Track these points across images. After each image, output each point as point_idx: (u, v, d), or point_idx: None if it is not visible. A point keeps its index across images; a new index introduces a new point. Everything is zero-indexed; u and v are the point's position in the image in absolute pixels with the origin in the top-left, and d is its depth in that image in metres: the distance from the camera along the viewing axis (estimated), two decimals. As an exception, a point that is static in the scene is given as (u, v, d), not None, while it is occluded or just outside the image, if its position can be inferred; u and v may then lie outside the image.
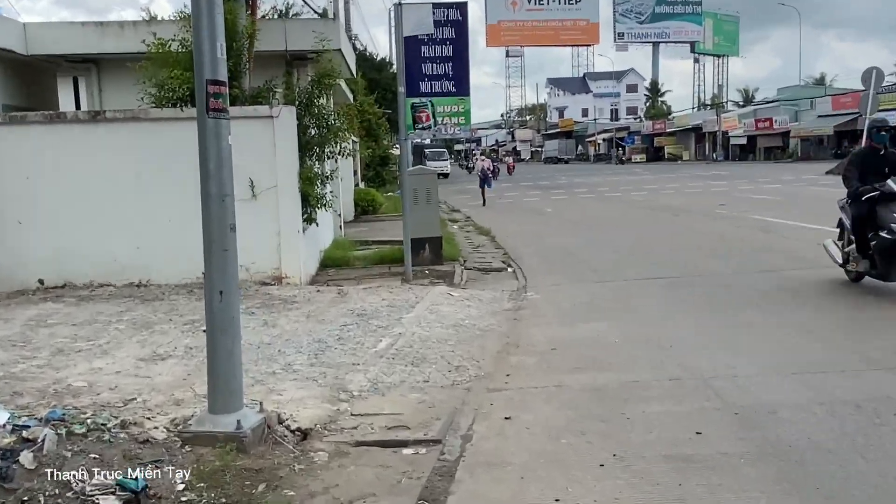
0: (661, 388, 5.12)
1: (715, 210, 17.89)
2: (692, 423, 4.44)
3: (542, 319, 7.63)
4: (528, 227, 16.99)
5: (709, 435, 4.25)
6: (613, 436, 4.30)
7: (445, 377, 5.58)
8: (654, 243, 12.71)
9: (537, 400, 5.07)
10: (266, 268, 9.37)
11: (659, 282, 9.21)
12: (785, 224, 14.36)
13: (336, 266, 11.34)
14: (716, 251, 11.37)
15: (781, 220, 14.92)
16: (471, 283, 9.99)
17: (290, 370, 5.60)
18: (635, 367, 5.69)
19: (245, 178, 9.09)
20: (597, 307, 8.02)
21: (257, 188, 9.20)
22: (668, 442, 4.18)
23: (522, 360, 6.09)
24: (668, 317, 7.34)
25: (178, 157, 9.08)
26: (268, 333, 6.84)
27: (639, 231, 14.67)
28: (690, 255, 11.11)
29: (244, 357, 5.65)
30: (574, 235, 14.73)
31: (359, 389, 5.12)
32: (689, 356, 5.87)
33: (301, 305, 8.07)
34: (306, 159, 10.09)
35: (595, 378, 5.45)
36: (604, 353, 6.11)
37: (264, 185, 9.24)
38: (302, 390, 5.05)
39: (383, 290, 8.91)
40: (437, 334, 6.81)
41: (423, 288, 9.17)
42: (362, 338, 6.59)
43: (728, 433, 4.26)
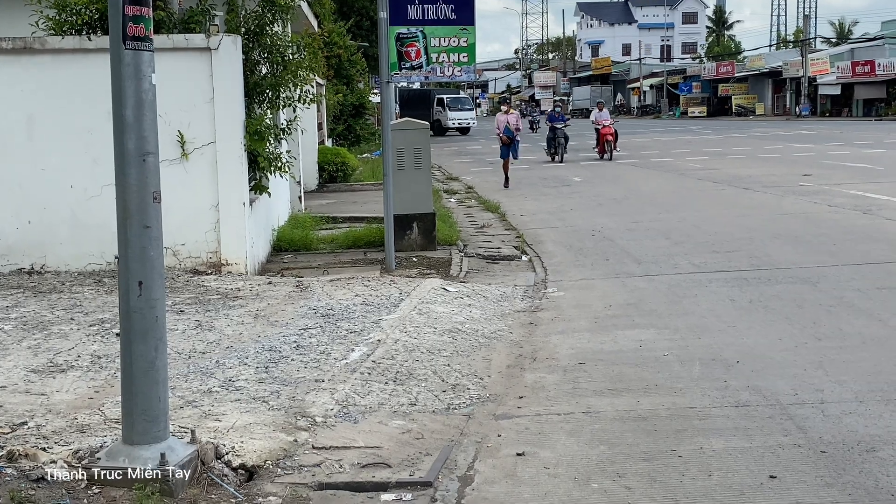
0: (725, 418, 5.14)
1: (798, 183, 17.95)
2: (765, 464, 4.47)
3: (567, 324, 7.64)
4: (548, 201, 17.02)
5: (786, 480, 4.28)
6: (661, 480, 4.32)
7: (438, 399, 5.59)
8: (717, 226, 12.74)
9: (560, 431, 5.08)
10: (200, 251, 9.36)
11: (722, 277, 9.24)
12: (890, 202, 14.41)
13: (294, 250, 11.34)
14: (798, 237, 11.42)
15: (886, 197, 14.96)
16: (473, 275, 10.01)
17: (232, 388, 5.60)
18: (690, 388, 5.70)
19: (173, 131, 9.05)
20: (640, 309, 8.04)
21: (189, 145, 9.17)
22: (732, 490, 4.20)
23: (540, 378, 6.10)
24: (733, 323, 7.36)
25: (85, 102, 9.00)
26: (202, 339, 6.83)
27: (696, 210, 14.70)
28: (764, 242, 11.15)
29: (171, 370, 5.67)
30: (610, 214, 14.75)
31: (323, 414, 5.13)
32: (762, 375, 5.89)
33: (247, 302, 8.07)
34: (255, 107, 10.02)
35: (637, 403, 5.47)
36: (649, 371, 6.13)
37: (199, 140, 9.20)
38: (248, 415, 5.05)
39: (357, 284, 8.91)
40: (427, 342, 6.82)
41: (410, 281, 9.17)
42: (328, 346, 6.60)
43: (811, 478, 4.29)
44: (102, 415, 5.02)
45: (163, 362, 4.14)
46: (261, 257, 10.42)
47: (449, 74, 10.61)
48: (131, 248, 4.02)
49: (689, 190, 17.89)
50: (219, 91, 9.19)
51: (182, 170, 9.15)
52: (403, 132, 11.12)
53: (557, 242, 12.20)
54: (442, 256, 10.90)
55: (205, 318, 7.46)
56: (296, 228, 12.18)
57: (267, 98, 10.05)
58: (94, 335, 6.88)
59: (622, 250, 11.21)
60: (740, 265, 9.78)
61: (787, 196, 15.84)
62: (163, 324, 4.13)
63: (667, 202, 15.93)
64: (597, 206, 15.95)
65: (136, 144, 3.99)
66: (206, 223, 9.31)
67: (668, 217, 13.96)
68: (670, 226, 12.99)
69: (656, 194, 17.33)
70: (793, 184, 17.76)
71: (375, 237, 11.38)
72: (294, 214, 13.71)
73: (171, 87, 8.65)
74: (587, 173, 22.36)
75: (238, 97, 9.36)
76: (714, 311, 7.81)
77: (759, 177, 19.40)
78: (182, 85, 9.03)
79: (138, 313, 4.05)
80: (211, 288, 8.62)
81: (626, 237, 12.22)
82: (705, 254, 10.59)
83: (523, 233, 12.96)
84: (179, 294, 8.35)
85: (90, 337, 6.84)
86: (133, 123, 3.98)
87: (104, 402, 5.24)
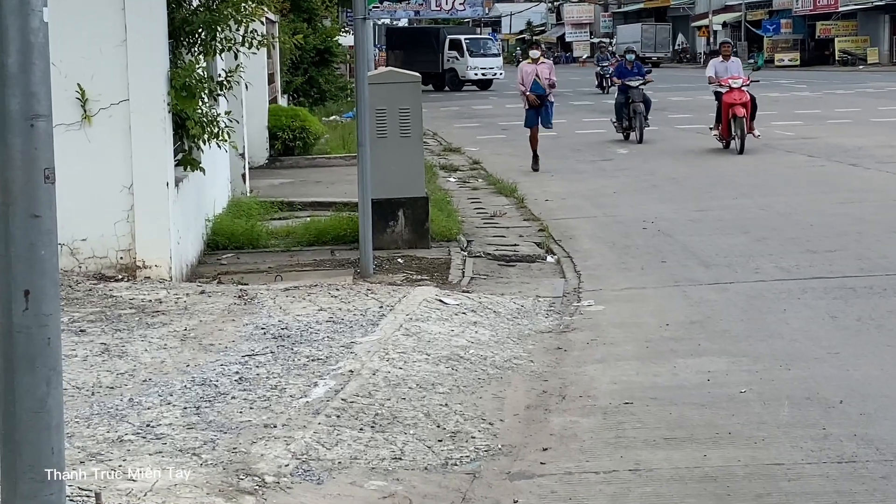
0: (824, 478, 5.14)
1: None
2: (877, 540, 4.50)
3: (608, 350, 7.64)
4: (583, 181, 17.03)
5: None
6: (735, 562, 4.34)
7: (432, 451, 5.59)
8: (813, 215, 12.76)
9: (598, 496, 5.08)
10: (108, 249, 9.36)
11: (821, 285, 9.25)
12: None
13: (236, 247, 11.33)
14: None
15: None
16: (480, 282, 10.02)
17: (152, 436, 5.59)
18: (776, 438, 5.70)
19: (71, 85, 9.04)
20: (708, 329, 8.03)
21: (93, 104, 9.16)
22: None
23: (572, 423, 6.10)
24: (836, 348, 7.36)
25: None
26: (111, 368, 6.82)
27: (785, 194, 14.72)
28: (879, 239, 11.17)
29: (69, 411, 5.66)
30: (667, 199, 14.76)
31: (275, 472, 5.13)
32: (875, 421, 5.90)
33: (172, 318, 8.07)
34: (183, 52, 10.01)
35: (704, 457, 5.47)
36: (720, 414, 6.13)
37: (106, 98, 9.20)
38: (173, 472, 5.05)
39: (321, 294, 8.92)
40: (418, 374, 6.82)
41: (395, 290, 9.18)
42: (282, 378, 6.59)
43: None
44: (-26, 472, 5.02)
45: (57, 401, 4.13)
46: (190, 257, 10.42)
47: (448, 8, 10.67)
48: (15, 244, 4.02)
49: (774, 166, 17.90)
50: (133, 31, 9.18)
51: (83, 138, 9.13)
52: (385, 86, 11.12)
53: (595, 238, 12.20)
54: (437, 256, 10.90)
55: (114, 339, 7.44)
56: (238, 218, 12.17)
57: (199, 40, 10.03)
58: (-38, 363, 6.89)
59: (683, 248, 11.21)
60: (845, 270, 9.79)
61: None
62: (57, 348, 4.12)
63: (744, 183, 15.95)
64: (649, 187, 15.96)
65: (21, 104, 3.98)
66: (115, 211, 9.30)
67: (746, 203, 13.97)
68: (749, 215, 13.00)
69: (730, 172, 17.34)
70: (917, 158, 17.80)
71: (346, 230, 11.37)
72: (236, 199, 13.71)
73: (69, 25, 8.63)
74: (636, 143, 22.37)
75: (160, 39, 9.34)
76: (809, 333, 7.80)
77: (871, 149, 19.42)
78: (83, 23, 9.01)
79: (23, 333, 4.04)
80: (122, 299, 8.62)
81: (689, 231, 12.22)
82: (797, 254, 10.60)
83: (548, 224, 12.97)
84: (80, 307, 8.33)
85: (-43, 366, 6.84)
86: (17, 75, 3.97)
87: (-24, 456, 5.24)
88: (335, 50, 30.98)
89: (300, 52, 26.20)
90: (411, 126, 11.16)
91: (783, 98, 35.88)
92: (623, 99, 22.67)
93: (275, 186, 16.22)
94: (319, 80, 29.90)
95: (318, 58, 29.82)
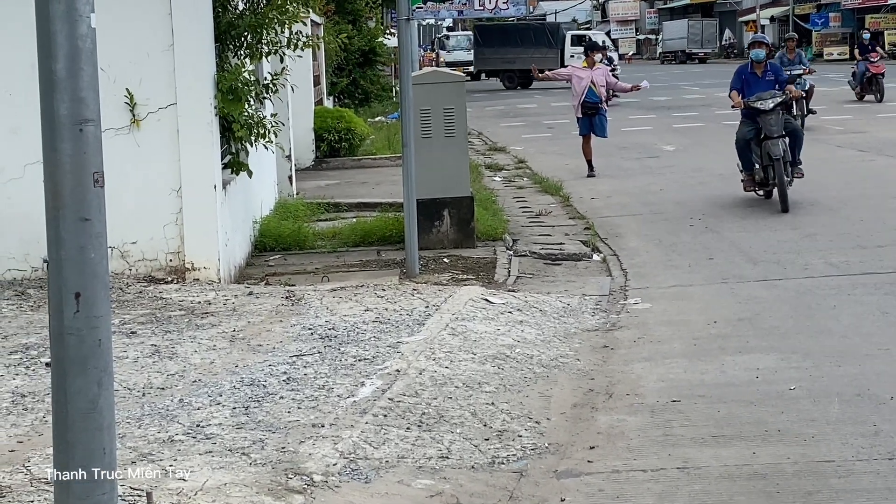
0: (875, 475, 5.10)
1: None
2: (930, 538, 4.45)
3: (655, 348, 7.62)
4: (629, 179, 16.94)
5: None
6: (785, 560, 4.32)
7: (479, 450, 5.60)
8: (864, 210, 12.61)
9: (646, 494, 5.07)
10: (157, 252, 9.45)
11: (871, 281, 9.18)
12: None
13: (283, 249, 11.40)
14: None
15: None
16: (526, 280, 10.02)
17: (202, 436, 5.65)
18: (827, 435, 5.67)
19: (120, 90, 9.14)
20: (757, 327, 7.99)
21: (141, 108, 9.25)
22: (884, 572, 4.18)
23: (619, 422, 6.09)
24: (887, 345, 7.29)
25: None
26: (161, 370, 6.89)
27: (834, 188, 14.55)
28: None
29: (120, 412, 5.72)
30: (716, 197, 14.61)
31: (323, 471, 5.16)
32: (926, 417, 5.84)
33: (220, 320, 8.14)
34: (229, 56, 10.08)
35: (753, 455, 5.45)
36: (769, 411, 6.10)
37: (154, 102, 9.28)
38: (222, 472, 5.10)
39: (367, 294, 8.96)
40: (464, 373, 6.84)
41: (440, 289, 9.20)
42: (330, 378, 6.63)
43: None
44: (28, 473, 5.09)
45: (108, 402, 4.18)
46: (238, 259, 10.50)
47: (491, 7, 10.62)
48: (65, 248, 4.07)
49: (823, 161, 17.67)
50: (180, 35, 9.26)
51: (132, 142, 9.22)
52: (429, 87, 11.14)
53: (642, 235, 12.15)
54: (483, 256, 10.90)
55: (164, 341, 7.52)
56: (285, 220, 12.24)
57: (245, 43, 10.11)
58: (15, 366, 6.98)
59: (731, 245, 11.14)
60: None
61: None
62: (108, 350, 4.17)
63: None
64: (697, 185, 15.85)
65: (70, 109, 4.03)
66: (164, 214, 9.39)
67: (795, 199, 13.78)
68: (797, 210, 12.87)
69: (778, 168, 17.14)
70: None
71: (392, 231, 11.41)
72: (283, 200, 13.78)
73: (117, 30, 8.72)
74: (683, 140, 22.22)
75: (206, 43, 9.42)
76: (860, 329, 7.73)
77: (925, 142, 19.15)
78: (131, 28, 9.11)
79: (75, 336, 4.09)
80: (172, 301, 8.70)
81: (737, 227, 12.14)
82: (847, 250, 10.51)
83: (594, 222, 12.93)
84: (130, 310, 8.42)
85: (10, 368, 6.93)
86: (65, 80, 4.02)
87: (30, 456, 5.31)
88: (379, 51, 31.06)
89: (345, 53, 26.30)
90: (456, 125, 11.17)
91: (831, 92, 35.36)
92: (750, 132, 13.24)
93: (321, 188, 16.28)
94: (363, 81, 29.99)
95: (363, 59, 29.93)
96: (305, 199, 14.19)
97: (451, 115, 11.13)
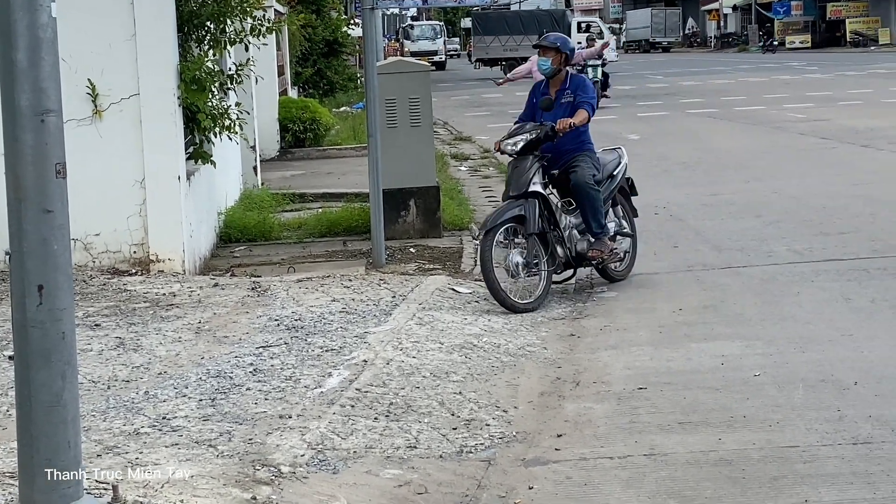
0: (839, 460, 5.14)
1: (937, 137, 17.89)
2: (893, 521, 4.49)
3: (621, 336, 7.65)
4: (595, 168, 16.95)
5: (923, 543, 4.30)
6: (751, 545, 4.35)
7: (447, 439, 5.61)
8: (826, 198, 12.72)
9: (613, 481, 5.08)
10: (121, 244, 9.40)
11: (834, 267, 9.23)
12: None
13: (248, 240, 11.36)
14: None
15: None
16: (492, 270, 10.01)
17: (168, 428, 5.62)
18: (791, 420, 5.70)
19: (82, 80, 9.07)
20: (722, 313, 8.03)
21: (104, 99, 9.19)
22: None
23: (586, 409, 6.11)
24: (850, 330, 7.34)
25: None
26: (126, 362, 6.85)
27: (797, 176, 14.68)
28: (891, 221, 11.14)
29: (85, 405, 5.68)
30: (679, 184, 14.73)
31: (291, 462, 5.15)
32: (890, 402, 5.89)
33: (186, 311, 8.10)
34: (191, 45, 10.02)
35: (718, 441, 5.47)
36: (734, 397, 6.13)
37: (117, 93, 9.22)
38: (189, 464, 5.07)
39: (334, 284, 8.94)
40: (431, 363, 6.84)
41: (407, 279, 9.20)
42: (297, 369, 6.61)
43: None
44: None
45: (72, 395, 4.16)
46: (203, 250, 10.46)
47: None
48: (28, 240, 4.04)
49: (786, 149, 17.85)
50: (142, 25, 9.20)
51: (94, 133, 9.16)
52: (395, 76, 11.12)
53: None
54: (450, 246, 10.91)
55: (129, 333, 7.47)
56: (250, 210, 12.20)
57: (208, 33, 10.05)
58: (-22, 360, 6.91)
59: (696, 233, 11.20)
60: (859, 251, 9.76)
61: (923, 155, 15.81)
62: (72, 342, 4.14)
63: (756, 167, 15.91)
64: (661, 172, 15.93)
65: (31, 99, 4.00)
66: (128, 205, 9.33)
67: (759, 187, 13.94)
68: (761, 199, 12.97)
69: (741, 156, 17.29)
70: (930, 139, 17.71)
71: (358, 221, 11.39)
72: (248, 191, 13.73)
73: (78, 20, 8.65)
74: (646, 129, 22.32)
75: (169, 32, 9.36)
76: (823, 315, 7.79)
77: (883, 130, 19.34)
78: (92, 18, 9.04)
79: (38, 328, 4.06)
80: (136, 293, 8.65)
81: (701, 215, 12.20)
82: (810, 236, 10.58)
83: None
84: (94, 302, 8.37)
85: (-26, 362, 6.87)
86: (26, 71, 3.99)
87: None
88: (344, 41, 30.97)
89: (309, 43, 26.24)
90: (421, 115, 11.16)
91: (794, 80, 35.74)
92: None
93: (286, 178, 16.23)
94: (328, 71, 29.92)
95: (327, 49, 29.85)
96: (271, 190, 14.16)
97: (417, 105, 11.12)
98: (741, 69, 46.17)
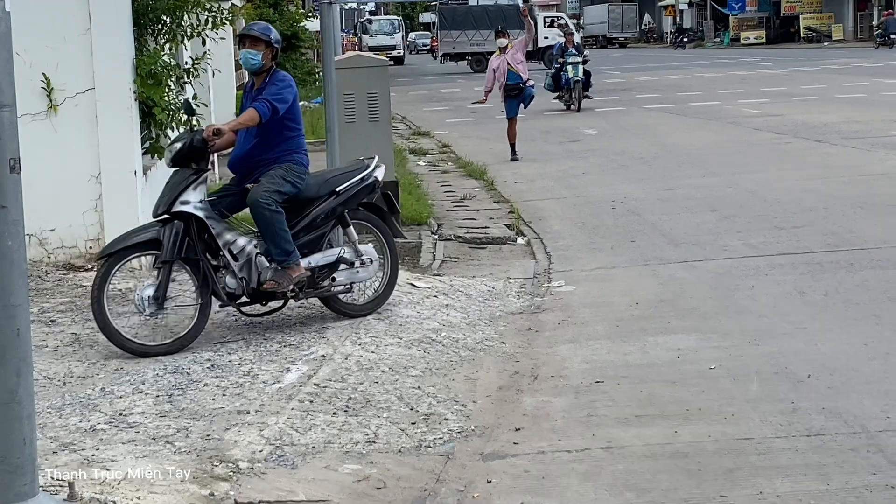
0: (793, 452, 5.20)
1: (889, 132, 18.11)
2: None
3: (578, 330, 7.69)
4: (552, 163, 17.05)
5: (875, 532, 4.36)
6: (707, 536, 4.39)
7: (406, 434, 5.62)
8: (780, 192, 12.84)
9: (571, 474, 5.12)
10: (77, 239, 9.32)
11: (788, 261, 9.33)
12: None
13: (205, 235, 11.30)
14: (891, 206, 11.53)
15: None
16: (451, 265, 10.05)
17: (125, 424, 5.60)
18: (746, 413, 5.76)
19: (36, 75, 8.98)
20: (678, 307, 8.09)
21: (59, 93, 9.11)
22: (803, 546, 4.27)
23: (544, 403, 6.14)
24: (803, 323, 7.43)
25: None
26: (82, 358, 6.82)
27: (752, 171, 14.80)
28: (845, 214, 11.26)
29: (40, 402, 5.63)
30: (636, 179, 14.81)
31: (249, 458, 5.14)
32: (843, 394, 5.97)
33: (142, 307, 8.05)
34: (148, 39, 9.94)
35: (675, 434, 5.52)
36: (690, 390, 6.18)
37: (72, 87, 9.14)
38: (146, 461, 5.05)
39: (292, 279, 8.90)
40: (390, 358, 6.85)
41: (365, 274, 9.18)
42: (255, 365, 6.61)
43: (909, 529, 4.38)
44: (-54, 465, 5.00)
45: (28, 391, 4.13)
46: (160, 246, 10.39)
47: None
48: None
49: (741, 144, 17.98)
50: (97, 18, 9.13)
51: (49, 127, 9.07)
52: (353, 71, 11.09)
53: (565, 219, 12.24)
54: (408, 241, 10.90)
55: (85, 329, 7.43)
56: (208, 205, 12.13)
57: (164, 27, 9.97)
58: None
59: (653, 228, 11.27)
60: (812, 245, 9.86)
61: (876, 150, 15.97)
62: (27, 339, 4.12)
63: (712, 162, 16.02)
64: (618, 168, 16.02)
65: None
66: (83, 200, 9.26)
67: (715, 182, 14.04)
68: (717, 193, 13.07)
69: (698, 151, 17.39)
70: (883, 133, 17.90)
71: (317, 216, 11.37)
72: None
73: (32, 14, 8.57)
74: (604, 124, 22.42)
75: (124, 26, 9.29)
76: (777, 309, 7.87)
77: (836, 125, 19.54)
78: (47, 11, 8.95)
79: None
80: (92, 289, 8.59)
81: (658, 210, 12.28)
82: (765, 231, 10.67)
83: (518, 206, 13.00)
84: (49, 298, 8.30)
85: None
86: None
87: (-52, 448, 5.22)
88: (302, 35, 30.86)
89: (267, 37, 26.04)
90: (379, 110, 11.13)
91: (749, 76, 36.02)
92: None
93: (244, 173, 16.12)
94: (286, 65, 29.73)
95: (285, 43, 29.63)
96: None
97: (375, 100, 11.10)
98: (697, 64, 46.46)
